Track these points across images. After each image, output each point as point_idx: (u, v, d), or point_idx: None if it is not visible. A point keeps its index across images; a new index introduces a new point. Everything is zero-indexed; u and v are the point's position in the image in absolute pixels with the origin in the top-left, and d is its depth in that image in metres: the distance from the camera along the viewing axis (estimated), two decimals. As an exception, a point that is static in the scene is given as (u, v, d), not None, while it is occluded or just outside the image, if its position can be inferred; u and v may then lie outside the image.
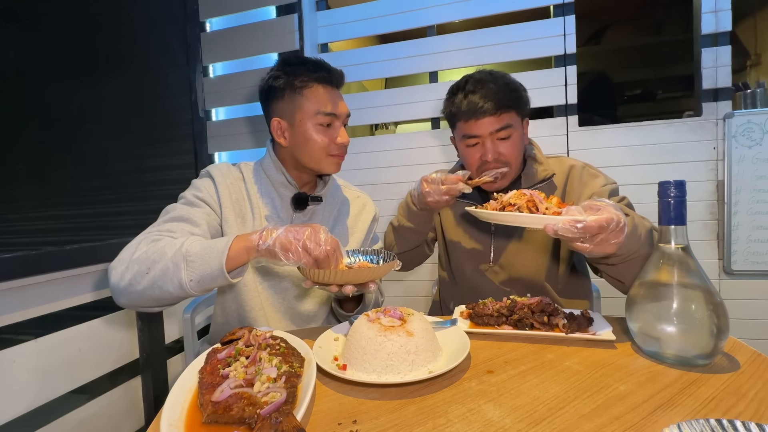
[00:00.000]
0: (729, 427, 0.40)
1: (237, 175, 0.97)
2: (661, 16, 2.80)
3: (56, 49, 2.23)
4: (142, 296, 0.72)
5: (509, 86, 0.96)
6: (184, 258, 0.70)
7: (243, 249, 0.71)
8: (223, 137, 1.97)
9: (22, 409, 0.94)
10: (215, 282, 0.71)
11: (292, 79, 0.89)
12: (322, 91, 0.91)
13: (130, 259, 0.73)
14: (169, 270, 0.69)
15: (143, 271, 0.71)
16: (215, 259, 0.69)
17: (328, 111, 0.90)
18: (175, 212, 0.84)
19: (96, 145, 2.31)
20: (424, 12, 1.75)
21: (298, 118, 0.90)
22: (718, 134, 1.48)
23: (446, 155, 1.75)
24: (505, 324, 0.75)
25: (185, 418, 0.48)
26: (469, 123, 0.95)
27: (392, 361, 0.58)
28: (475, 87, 0.94)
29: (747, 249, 1.45)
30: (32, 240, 2.49)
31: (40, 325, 1.01)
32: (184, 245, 0.72)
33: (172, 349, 1.36)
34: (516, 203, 0.75)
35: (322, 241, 0.68)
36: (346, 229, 1.03)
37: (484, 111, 0.92)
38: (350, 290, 0.71)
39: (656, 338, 0.59)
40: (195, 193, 0.90)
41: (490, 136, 0.94)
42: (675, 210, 0.59)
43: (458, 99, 0.96)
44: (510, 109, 0.95)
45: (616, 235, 0.64)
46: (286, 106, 0.91)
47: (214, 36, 1.95)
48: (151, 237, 0.77)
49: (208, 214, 0.87)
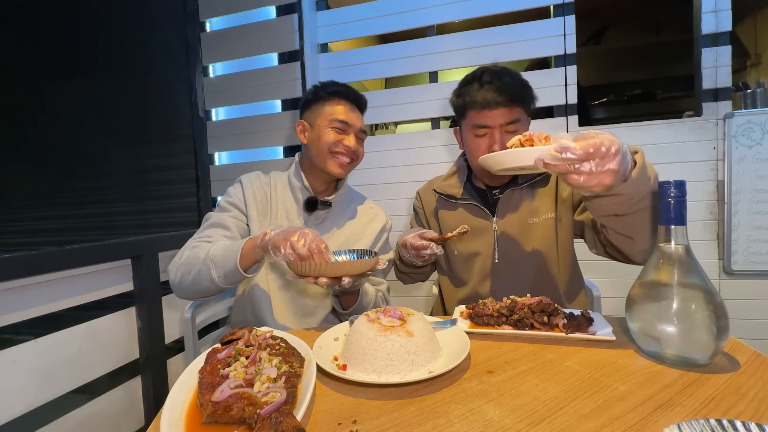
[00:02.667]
0: (729, 427, 0.40)
1: (265, 181, 1.12)
2: (661, 16, 2.80)
3: (56, 50, 2.23)
4: (191, 290, 0.91)
5: (522, 82, 0.99)
6: (212, 260, 0.87)
7: (252, 248, 0.84)
8: (223, 137, 1.97)
9: (22, 409, 0.95)
10: (236, 277, 0.85)
11: (320, 91, 1.07)
12: (343, 104, 1.07)
13: (179, 263, 0.92)
14: (203, 271, 0.87)
15: (186, 272, 0.90)
16: (232, 259, 0.84)
17: (341, 119, 1.05)
18: (212, 219, 1.03)
19: (96, 145, 2.30)
20: (424, 12, 1.75)
21: (318, 122, 1.06)
22: (718, 134, 1.48)
23: (446, 155, 1.76)
24: (505, 324, 0.75)
25: (185, 418, 0.48)
26: (482, 113, 0.97)
27: (392, 361, 0.58)
28: (492, 78, 0.97)
29: (747, 249, 1.45)
30: (32, 240, 2.49)
31: (40, 325, 1.01)
32: (210, 250, 0.89)
33: (172, 349, 1.36)
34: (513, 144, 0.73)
35: (308, 242, 0.77)
36: (354, 236, 1.11)
37: (498, 102, 0.95)
38: (323, 282, 0.77)
39: (656, 338, 0.59)
40: (227, 200, 1.08)
41: (500, 128, 0.97)
42: (675, 210, 0.59)
43: (473, 88, 0.98)
44: (521, 104, 0.98)
45: (610, 160, 0.58)
46: (311, 112, 1.08)
47: (214, 36, 1.95)
48: (192, 244, 0.96)
49: (236, 217, 1.05)
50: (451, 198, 1.10)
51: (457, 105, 1.04)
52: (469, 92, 0.99)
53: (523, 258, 1.01)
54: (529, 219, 1.01)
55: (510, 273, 1.03)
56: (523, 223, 1.02)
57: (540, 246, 1.00)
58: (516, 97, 0.95)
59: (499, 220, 1.04)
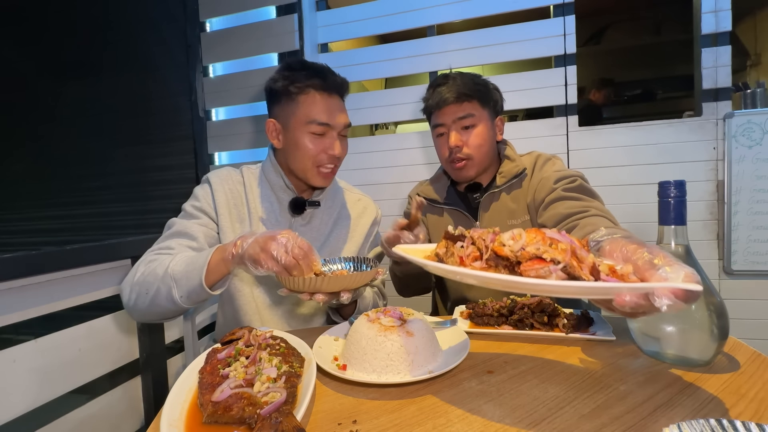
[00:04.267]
0: (729, 427, 0.40)
1: (237, 179, 0.97)
2: (661, 16, 2.80)
3: (56, 49, 2.23)
4: (148, 313, 0.80)
5: (475, 80, 1.04)
6: (172, 277, 0.74)
7: (221, 261, 0.73)
8: (223, 137, 1.97)
9: (22, 409, 0.94)
10: (201, 296, 0.74)
11: (289, 84, 0.89)
12: (318, 99, 0.89)
13: (133, 282, 0.80)
14: (161, 290, 0.75)
15: (143, 292, 0.77)
16: (196, 276, 0.73)
17: (321, 120, 0.88)
18: (174, 227, 0.88)
19: (96, 145, 2.30)
20: (424, 12, 1.75)
21: (292, 124, 0.90)
22: (718, 134, 1.48)
23: (446, 155, 1.75)
24: (505, 324, 0.75)
25: (185, 418, 0.48)
26: (437, 113, 1.04)
27: (392, 361, 0.58)
28: (444, 81, 1.04)
29: (747, 249, 1.45)
30: (32, 240, 2.48)
31: (40, 325, 1.01)
32: (170, 266, 0.76)
33: (172, 349, 1.36)
34: (552, 256, 0.43)
35: (290, 248, 0.67)
36: (345, 233, 1.02)
37: (445, 100, 1.01)
38: (320, 299, 0.69)
39: (656, 338, 0.59)
40: (193, 203, 0.92)
41: (454, 124, 1.02)
42: (675, 210, 0.59)
43: (429, 93, 1.06)
44: (472, 99, 1.01)
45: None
46: (282, 109, 0.92)
47: (214, 36, 1.95)
48: (149, 258, 0.82)
49: (205, 225, 0.90)
50: (435, 202, 1.12)
51: (425, 113, 1.11)
52: (427, 98, 1.07)
53: None
54: (508, 221, 1.03)
55: None
56: (503, 225, 1.02)
57: None
58: (464, 94, 1.00)
59: (481, 224, 1.05)
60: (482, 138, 1.02)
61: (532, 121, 1.67)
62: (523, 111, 2.42)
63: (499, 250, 0.46)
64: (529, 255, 0.44)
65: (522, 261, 0.44)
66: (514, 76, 1.66)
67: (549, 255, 0.42)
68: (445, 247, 0.55)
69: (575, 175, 0.93)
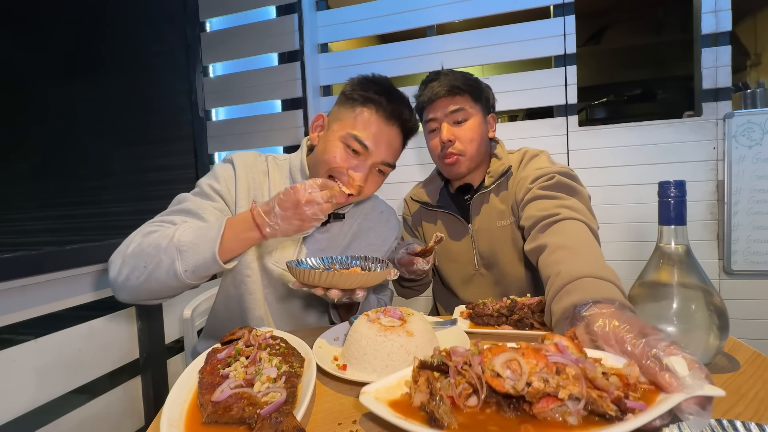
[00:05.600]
0: (729, 427, 0.40)
1: (261, 168, 0.89)
2: (661, 16, 2.80)
3: (56, 49, 2.23)
4: (140, 290, 0.71)
5: (466, 77, 1.03)
6: (177, 248, 0.68)
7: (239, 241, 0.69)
8: (223, 137, 1.97)
9: (22, 409, 0.94)
10: (210, 270, 0.70)
11: (357, 90, 0.84)
12: (373, 118, 0.82)
13: (125, 253, 0.72)
14: (163, 262, 0.68)
15: (140, 265, 0.69)
16: (208, 249, 0.67)
17: (360, 139, 0.80)
18: (185, 203, 0.81)
19: (96, 145, 2.30)
20: (424, 12, 1.75)
21: (335, 127, 0.84)
22: (718, 134, 1.48)
23: (446, 155, 1.75)
24: (505, 324, 0.75)
25: (185, 418, 0.48)
26: (429, 108, 1.03)
27: (392, 361, 0.58)
28: (436, 77, 1.03)
29: (747, 249, 1.45)
30: (32, 240, 2.48)
31: (40, 325, 1.01)
32: (176, 235, 0.70)
33: (172, 349, 1.36)
34: (567, 393, 0.38)
35: (316, 198, 0.67)
36: (364, 247, 0.97)
37: (437, 93, 1.00)
38: (335, 294, 0.67)
39: (656, 338, 0.59)
40: (212, 184, 0.84)
41: (446, 118, 1.00)
42: (675, 210, 0.59)
43: (421, 89, 1.05)
44: (463, 93, 1.00)
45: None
46: (337, 109, 0.87)
47: (214, 36, 1.95)
48: (146, 229, 0.75)
49: (220, 210, 0.82)
50: (428, 206, 1.12)
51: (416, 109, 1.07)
52: (420, 93, 1.05)
53: (498, 262, 1.02)
54: (497, 222, 1.02)
55: (490, 277, 1.04)
56: (492, 226, 1.02)
57: (511, 249, 1.00)
58: (456, 87, 0.99)
59: (474, 226, 1.05)
60: (474, 132, 1.01)
61: (532, 121, 1.67)
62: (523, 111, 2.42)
63: (498, 386, 0.40)
64: (539, 392, 0.38)
65: (530, 399, 0.39)
66: (514, 76, 1.66)
67: (564, 393, 0.37)
68: (426, 386, 0.43)
69: (555, 171, 0.89)
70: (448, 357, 0.45)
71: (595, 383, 0.39)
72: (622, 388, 0.39)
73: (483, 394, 0.41)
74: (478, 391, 0.41)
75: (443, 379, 0.44)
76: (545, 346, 0.44)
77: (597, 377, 0.39)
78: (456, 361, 0.44)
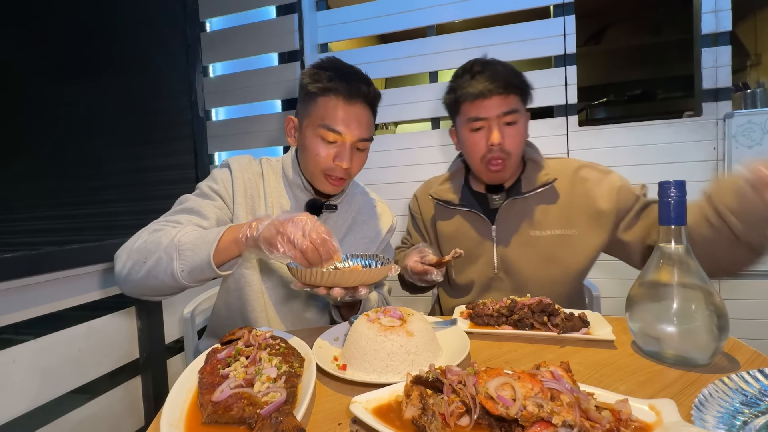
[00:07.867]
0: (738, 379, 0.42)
1: (256, 170, 0.93)
2: (661, 16, 2.79)
3: (56, 50, 2.23)
4: (141, 285, 0.73)
5: (516, 72, 0.94)
6: (177, 248, 0.69)
7: (233, 242, 0.68)
8: (223, 137, 1.97)
9: (22, 409, 0.94)
10: (204, 273, 0.69)
11: (312, 82, 0.84)
12: (336, 104, 0.83)
13: (131, 249, 0.74)
14: (162, 260, 0.69)
15: (141, 260, 0.71)
16: (204, 250, 0.67)
17: (332, 127, 0.82)
18: (187, 203, 0.84)
19: (96, 145, 2.30)
20: (424, 12, 1.75)
21: (306, 124, 0.86)
22: (718, 134, 1.48)
23: (446, 155, 1.75)
24: (505, 324, 0.75)
25: (185, 418, 0.48)
26: (476, 104, 0.91)
27: (392, 361, 0.58)
28: (484, 67, 0.92)
29: (747, 249, 1.45)
30: (32, 240, 2.48)
31: (41, 325, 1.01)
32: (177, 235, 0.71)
33: (172, 349, 1.36)
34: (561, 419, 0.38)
35: (307, 232, 0.62)
36: (359, 239, 0.99)
37: (491, 90, 0.88)
38: (339, 293, 0.66)
39: (656, 338, 0.59)
40: (211, 185, 0.88)
41: (497, 120, 0.90)
42: (675, 210, 0.59)
43: (464, 80, 0.93)
44: (517, 93, 0.92)
45: None
46: (302, 107, 0.88)
47: (214, 36, 1.95)
48: (153, 227, 0.77)
49: (219, 208, 0.86)
50: (448, 204, 1.05)
51: (449, 101, 0.98)
52: (461, 85, 0.93)
53: (523, 270, 0.97)
54: (531, 231, 0.96)
55: (509, 284, 0.99)
56: (524, 234, 0.97)
57: (543, 260, 0.96)
58: (510, 84, 0.90)
59: (499, 228, 0.98)
60: (522, 137, 0.94)
61: (532, 121, 1.65)
62: (523, 111, 2.42)
63: (492, 409, 0.40)
64: (533, 416, 0.39)
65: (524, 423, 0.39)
66: (514, 76, 1.66)
67: (558, 419, 0.38)
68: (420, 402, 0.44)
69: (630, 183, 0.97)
70: (443, 374, 0.46)
71: (588, 415, 0.39)
72: (614, 423, 0.39)
73: (475, 414, 0.41)
74: (471, 411, 0.41)
75: (436, 396, 0.44)
76: (541, 372, 0.44)
77: (590, 409, 0.39)
78: (451, 380, 0.44)
